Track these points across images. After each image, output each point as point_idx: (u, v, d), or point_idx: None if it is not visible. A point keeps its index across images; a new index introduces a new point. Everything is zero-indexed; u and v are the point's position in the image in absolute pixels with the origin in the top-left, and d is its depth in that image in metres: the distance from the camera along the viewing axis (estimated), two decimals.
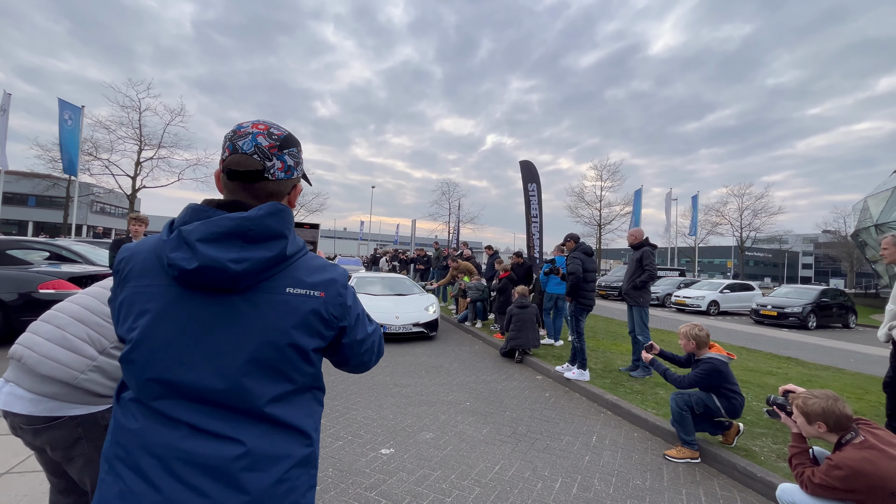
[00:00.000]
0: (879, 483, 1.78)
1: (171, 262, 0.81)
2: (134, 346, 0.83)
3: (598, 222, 32.83)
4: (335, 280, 0.95)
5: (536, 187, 10.75)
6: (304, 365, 0.89)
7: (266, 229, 0.85)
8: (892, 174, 26.63)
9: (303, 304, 0.88)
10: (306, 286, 0.89)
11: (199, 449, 0.79)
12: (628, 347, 7.02)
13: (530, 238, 11.60)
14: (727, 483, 3.12)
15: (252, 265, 0.82)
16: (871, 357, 8.76)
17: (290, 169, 0.95)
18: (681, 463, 3.37)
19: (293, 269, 0.90)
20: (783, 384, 2.40)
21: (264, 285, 0.86)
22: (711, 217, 37.46)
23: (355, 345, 1.01)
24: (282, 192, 0.96)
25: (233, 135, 0.91)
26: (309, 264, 0.93)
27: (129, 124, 22.78)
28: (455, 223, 21.31)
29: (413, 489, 2.78)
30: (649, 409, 4.28)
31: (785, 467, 3.13)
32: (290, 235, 0.89)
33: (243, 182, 0.91)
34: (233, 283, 0.82)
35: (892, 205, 22.87)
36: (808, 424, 2.09)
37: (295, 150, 0.96)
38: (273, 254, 0.85)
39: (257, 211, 0.85)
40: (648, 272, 5.43)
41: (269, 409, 0.84)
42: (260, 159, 0.90)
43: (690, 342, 3.63)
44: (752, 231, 37.66)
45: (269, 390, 0.84)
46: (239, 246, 0.82)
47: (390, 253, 23.84)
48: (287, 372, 0.87)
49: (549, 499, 2.77)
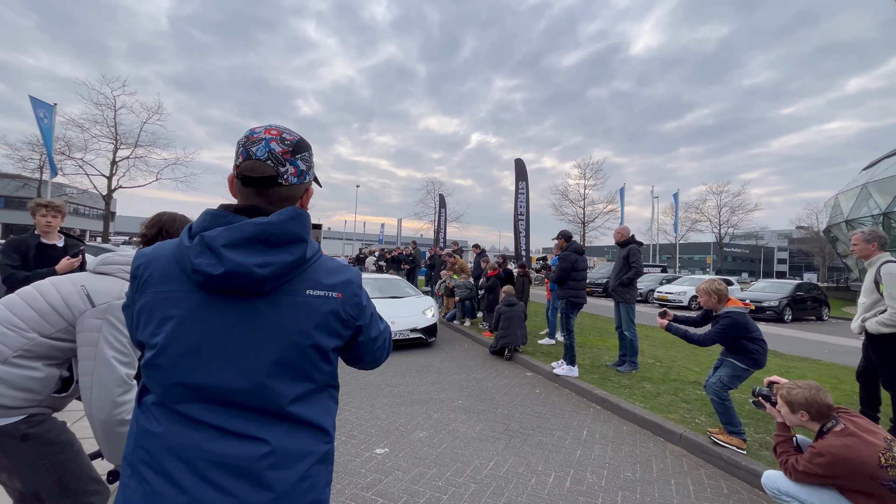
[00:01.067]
0: (859, 468, 1.87)
1: (196, 267, 0.82)
2: (159, 351, 0.84)
3: (583, 220, 33.23)
4: (351, 281, 0.97)
5: (525, 185, 10.85)
6: (324, 364, 0.92)
7: (288, 233, 0.87)
8: (861, 172, 27.66)
9: (322, 306, 0.90)
10: (325, 287, 0.92)
11: (225, 449, 0.81)
12: (615, 343, 7.15)
13: (518, 236, 11.72)
14: (713, 472, 3.22)
15: (276, 269, 0.85)
16: (843, 348, 9.11)
17: (302, 174, 0.97)
18: (724, 447, 3.35)
19: (311, 272, 0.92)
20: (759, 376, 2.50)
21: (285, 288, 0.88)
22: (691, 214, 38.32)
23: (370, 342, 1.05)
24: (295, 196, 0.98)
25: (246, 140, 0.93)
26: (326, 266, 0.96)
27: (103, 122, 22.06)
28: (442, 221, 21.25)
29: (409, 487, 2.79)
30: (637, 403, 4.38)
31: (767, 455, 3.25)
32: (308, 239, 0.91)
33: (258, 188, 0.93)
34: (257, 287, 0.84)
35: (861, 201, 23.77)
36: (792, 413, 2.18)
37: (307, 155, 0.98)
38: (294, 258, 0.87)
39: (279, 216, 0.87)
40: (635, 269, 5.55)
41: (291, 408, 0.86)
42: (273, 165, 0.91)
43: (712, 297, 3.57)
44: (730, 228, 38.66)
45: (291, 390, 0.87)
46: (262, 251, 0.84)
47: (377, 252, 23.66)
48: (308, 372, 0.89)
49: (544, 493, 2.82)
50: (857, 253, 3.70)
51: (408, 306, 7.71)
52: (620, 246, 5.82)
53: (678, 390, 4.85)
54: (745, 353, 3.37)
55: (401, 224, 33.06)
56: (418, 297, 8.35)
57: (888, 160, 24.48)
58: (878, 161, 25.57)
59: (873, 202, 22.67)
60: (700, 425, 3.82)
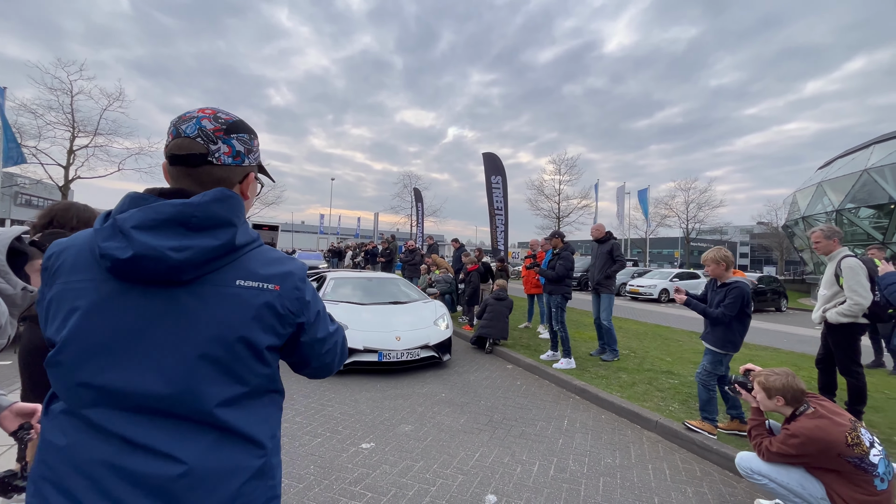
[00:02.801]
0: (829, 446, 2.01)
1: (102, 251, 0.74)
2: (61, 347, 0.76)
3: (557, 215, 33.82)
4: (292, 273, 0.89)
5: (501, 180, 10.90)
6: (258, 364, 0.83)
7: (212, 216, 0.79)
8: (817, 171, 29.20)
9: (255, 298, 0.82)
10: (259, 279, 0.83)
11: (137, 466, 0.72)
12: (590, 335, 7.36)
13: (494, 231, 11.80)
14: (687, 456, 3.38)
15: (195, 254, 0.76)
16: (801, 337, 9.67)
17: (239, 155, 0.89)
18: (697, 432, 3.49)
19: (245, 261, 0.84)
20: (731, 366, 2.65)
21: (211, 278, 0.80)
22: (661, 210, 39.61)
23: (316, 344, 0.96)
24: (231, 179, 0.90)
25: (177, 120, 0.86)
26: (263, 256, 0.87)
27: (59, 108, 20.67)
28: (419, 216, 21.16)
29: (397, 480, 2.81)
30: (614, 393, 4.53)
31: (736, 440, 3.44)
32: (239, 224, 0.83)
33: (186, 167, 0.85)
34: (175, 275, 0.76)
35: (816, 199, 25.13)
36: (769, 399, 2.32)
37: (246, 137, 0.91)
38: (219, 242, 0.79)
39: (202, 197, 0.79)
40: (620, 262, 5.84)
41: (218, 412, 0.77)
42: (203, 143, 0.85)
43: (720, 265, 3.62)
44: (697, 223, 40.23)
45: (218, 392, 0.78)
46: (181, 234, 0.76)
47: (354, 245, 23.28)
48: (239, 372, 0.80)
49: (529, 481, 2.89)
50: (820, 249, 3.92)
51: (414, 315, 6.00)
52: (599, 242, 6.01)
53: (652, 379, 5.04)
54: (731, 332, 3.48)
55: (377, 218, 32.73)
56: (426, 303, 6.65)
57: (841, 160, 25.95)
58: (833, 161, 27.07)
59: (827, 200, 24.01)
60: (674, 412, 3.99)
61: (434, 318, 5.96)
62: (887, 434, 3.70)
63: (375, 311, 5.89)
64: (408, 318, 5.82)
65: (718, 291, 3.65)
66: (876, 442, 2.11)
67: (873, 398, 4.60)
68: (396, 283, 7.30)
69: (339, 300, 6.11)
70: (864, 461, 2.00)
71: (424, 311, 6.20)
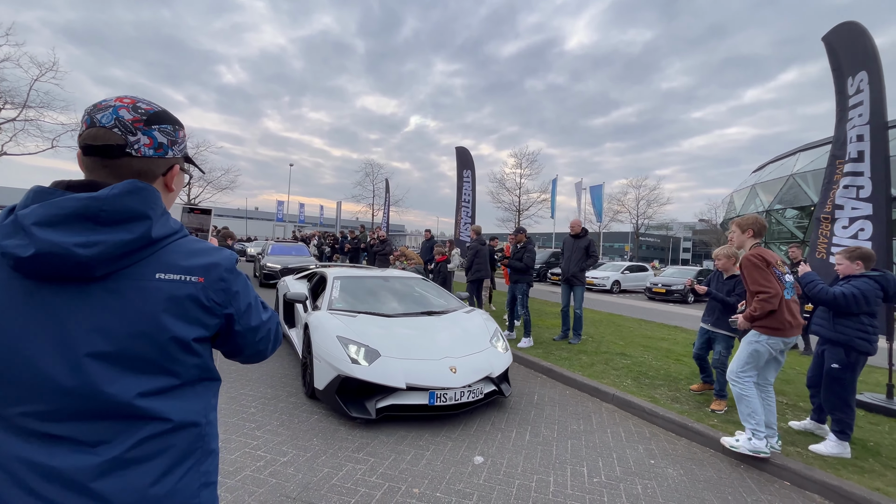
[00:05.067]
0: (771, 259, 3.16)
1: (3, 250, 0.72)
2: None
3: (518, 208, 34.84)
4: (217, 264, 0.86)
5: (471, 174, 11.30)
6: (187, 356, 0.83)
7: (122, 210, 0.76)
8: (752, 174, 31.88)
9: (177, 290, 0.80)
10: (181, 271, 0.82)
11: (56, 461, 0.72)
12: (554, 322, 7.99)
13: (459, 223, 12.22)
14: (638, 422, 3.96)
15: (106, 249, 0.74)
16: None
17: (161, 146, 0.87)
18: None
19: (165, 254, 0.82)
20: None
21: (129, 272, 0.78)
22: (614, 206, 41.77)
23: (249, 333, 0.95)
24: (152, 171, 0.87)
25: (92, 108, 0.83)
26: (186, 247, 0.85)
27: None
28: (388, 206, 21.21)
29: (395, 447, 3.16)
30: (576, 372, 5.09)
31: (677, 407, 4.06)
32: (154, 216, 0.80)
33: (102, 158, 0.82)
34: (85, 271, 0.74)
35: (750, 199, 27.52)
36: (742, 233, 3.31)
37: (169, 128, 0.89)
38: (133, 236, 0.77)
39: (110, 190, 0.76)
40: (594, 257, 6.50)
41: (141, 403, 0.77)
42: (121, 133, 0.82)
43: (731, 259, 4.30)
44: (646, 219, 42.84)
45: (141, 386, 0.77)
46: (89, 229, 0.73)
47: (316, 235, 22.83)
48: (166, 365, 0.80)
49: (509, 444, 3.34)
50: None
51: (461, 332, 4.35)
52: (576, 237, 6.61)
53: (608, 360, 5.66)
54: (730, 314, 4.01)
55: (340, 207, 32.29)
56: (468, 312, 4.94)
57: (773, 164, 28.51)
58: (765, 165, 29.70)
59: (759, 200, 26.40)
60: (627, 387, 4.59)
61: (489, 336, 4.36)
62: (794, 400, 4.49)
63: (408, 327, 4.28)
64: (456, 338, 4.19)
65: (727, 283, 4.31)
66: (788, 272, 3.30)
67: (785, 373, 5.48)
68: (421, 285, 5.64)
69: (354, 310, 4.42)
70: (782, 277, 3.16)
71: (472, 325, 4.55)
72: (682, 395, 4.45)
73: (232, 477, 2.65)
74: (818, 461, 3.14)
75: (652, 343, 7.01)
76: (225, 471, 2.70)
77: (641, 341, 7.07)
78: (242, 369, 4.68)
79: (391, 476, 2.77)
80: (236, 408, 3.71)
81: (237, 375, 4.48)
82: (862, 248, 3.62)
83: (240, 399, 3.91)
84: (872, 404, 4.30)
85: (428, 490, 2.64)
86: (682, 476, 3.01)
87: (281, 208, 49.32)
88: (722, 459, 3.29)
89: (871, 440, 3.57)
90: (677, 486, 2.88)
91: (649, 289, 16.90)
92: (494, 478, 2.84)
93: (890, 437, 3.69)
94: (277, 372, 4.74)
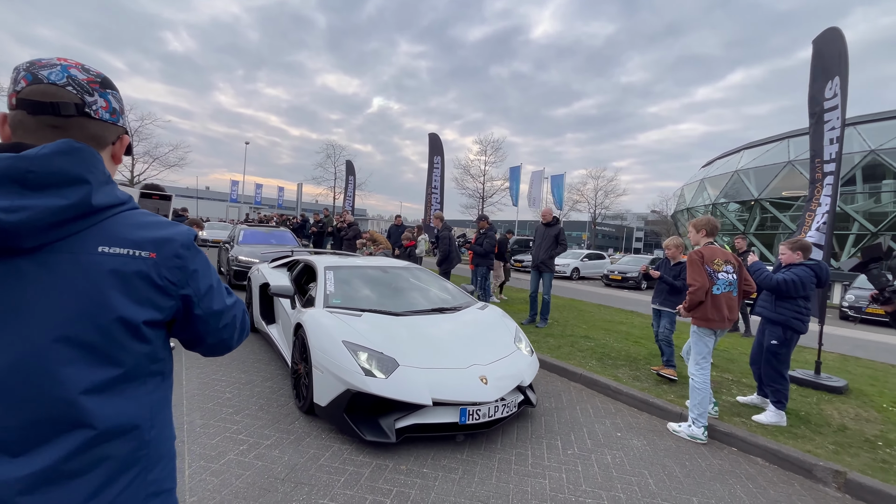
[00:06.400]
0: (712, 255, 3.58)
1: None
2: None
3: (482, 195, 35.19)
4: (171, 238, 0.78)
5: (440, 160, 11.31)
6: (134, 342, 0.73)
7: (55, 171, 0.67)
8: (700, 168, 33.82)
9: (123, 266, 0.72)
10: (128, 244, 0.73)
11: None
12: (521, 307, 8.27)
13: (429, 209, 12.26)
14: (605, 399, 4.25)
15: (34, 216, 0.65)
16: None
17: (115, 112, 0.81)
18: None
19: (110, 225, 0.73)
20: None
21: (65, 244, 0.69)
22: (573, 195, 43.18)
23: (211, 318, 0.86)
24: (105, 137, 0.80)
25: (30, 65, 0.74)
26: (135, 219, 0.77)
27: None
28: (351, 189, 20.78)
29: None
30: (545, 353, 5.34)
31: (639, 385, 4.38)
32: (95, 181, 0.72)
33: (54, 116, 0.73)
34: (11, 240, 0.65)
35: (699, 193, 29.25)
36: (697, 233, 3.75)
37: (119, 95, 0.83)
38: (68, 202, 0.68)
39: (41, 149, 0.67)
40: (563, 245, 6.74)
41: (83, 401, 0.68)
42: (77, 92, 0.74)
43: (678, 249, 4.74)
44: (603, 209, 44.62)
45: (83, 378, 0.68)
46: (16, 192, 0.65)
47: (274, 218, 22.02)
48: (109, 351, 0.71)
49: None
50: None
51: (483, 333, 3.82)
52: (547, 225, 6.81)
53: (573, 343, 5.97)
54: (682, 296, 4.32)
55: (301, 189, 31.23)
56: (482, 309, 4.38)
57: (720, 160, 30.37)
58: (713, 161, 31.59)
59: (707, 194, 28.14)
60: (593, 367, 4.89)
61: (512, 336, 3.88)
62: (738, 377, 4.95)
63: (422, 327, 3.68)
64: (478, 340, 3.64)
65: (673, 269, 4.75)
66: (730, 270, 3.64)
67: (729, 353, 6.01)
68: (423, 276, 5.04)
69: (355, 308, 3.78)
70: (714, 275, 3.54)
71: (490, 324, 4.04)
72: (641, 373, 4.79)
73: (216, 461, 2.62)
74: (760, 429, 3.53)
75: (612, 326, 7.43)
76: (207, 455, 2.67)
77: (602, 325, 7.48)
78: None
79: (378, 454, 2.84)
80: (210, 393, 3.63)
81: (207, 361, 4.35)
82: (802, 240, 4.02)
83: (213, 384, 3.82)
84: (804, 379, 4.83)
85: (415, 466, 2.74)
86: (646, 446, 3.29)
87: (235, 188, 46.91)
88: None
89: (802, 410, 4.03)
90: (641, 455, 3.15)
91: (606, 276, 17.73)
92: (476, 452, 2.98)
93: (818, 407, 4.18)
94: (249, 357, 4.64)
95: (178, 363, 4.21)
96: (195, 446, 2.77)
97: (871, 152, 19.69)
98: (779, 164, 23.11)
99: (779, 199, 23.19)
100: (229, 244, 9.89)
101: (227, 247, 9.97)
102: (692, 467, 3.03)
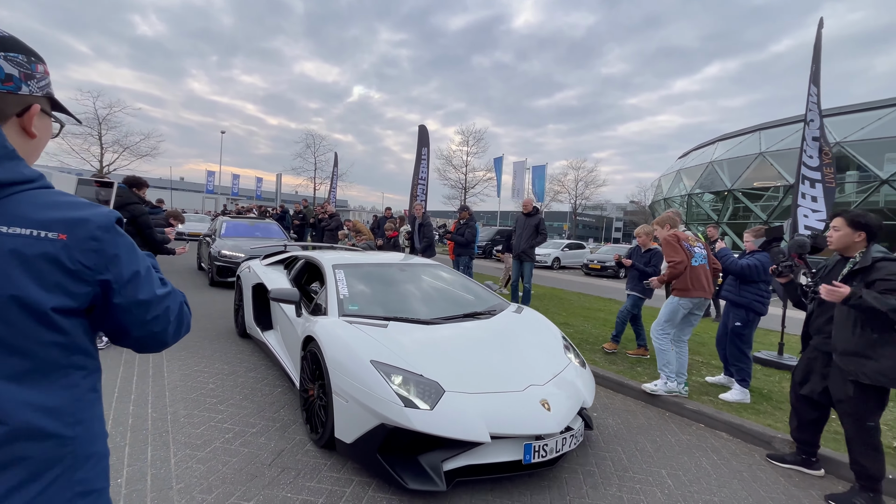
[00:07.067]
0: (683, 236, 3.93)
1: None
2: None
3: (464, 186, 35.22)
4: (86, 220, 0.72)
5: (427, 152, 11.31)
6: (42, 330, 0.68)
7: None
8: (677, 160, 34.61)
9: (25, 248, 0.67)
10: (32, 224, 0.68)
11: None
12: (503, 295, 8.41)
13: (415, 200, 12.26)
14: None
15: None
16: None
17: (11, 78, 0.72)
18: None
19: (10, 204, 0.68)
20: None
21: None
22: (554, 186, 43.62)
23: (136, 308, 0.79)
24: (2, 110, 0.73)
25: None
26: (44, 199, 0.72)
27: None
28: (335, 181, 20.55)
29: None
30: None
31: (615, 368, 4.57)
32: None
33: None
34: None
35: (675, 184, 29.97)
36: (662, 229, 4.02)
37: (22, 58, 0.74)
38: None
39: None
40: (544, 235, 6.92)
41: None
42: None
43: (648, 236, 4.94)
44: (584, 199, 45.29)
45: None
46: None
47: (254, 209, 21.58)
48: (14, 341, 0.66)
49: None
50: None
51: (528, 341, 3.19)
52: (527, 215, 6.95)
53: None
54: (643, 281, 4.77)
55: (280, 179, 30.71)
56: (518, 312, 3.69)
57: (696, 152, 31.14)
58: (689, 152, 32.36)
59: (683, 185, 28.87)
60: None
61: (561, 346, 3.25)
62: (707, 359, 5.20)
63: (460, 339, 3.06)
64: (527, 353, 3.01)
65: (644, 255, 5.02)
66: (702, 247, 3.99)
67: (700, 337, 6.29)
68: (442, 274, 4.34)
69: (377, 315, 3.13)
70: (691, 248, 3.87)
71: (534, 330, 3.42)
72: (618, 357, 4.99)
73: (201, 449, 2.65)
74: (725, 406, 3.74)
75: (591, 314, 7.65)
76: (193, 444, 2.70)
77: (581, 312, 7.69)
78: (189, 343, 4.52)
79: None
80: (193, 384, 3.63)
81: (189, 353, 4.33)
82: (763, 228, 4.24)
83: (196, 376, 3.81)
84: (767, 360, 5.11)
85: None
86: (620, 425, 3.46)
87: (211, 179, 45.61)
88: (651, 410, 3.80)
89: (765, 388, 4.28)
90: (616, 433, 3.32)
91: (586, 265, 18.11)
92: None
93: (779, 385, 4.44)
94: (231, 349, 4.63)
95: (159, 356, 4.19)
96: (180, 435, 2.79)
97: (836, 144, 20.56)
98: (750, 156, 23.88)
99: (750, 190, 24.00)
100: (210, 237, 9.04)
101: (207, 240, 9.10)
102: (662, 442, 3.21)
